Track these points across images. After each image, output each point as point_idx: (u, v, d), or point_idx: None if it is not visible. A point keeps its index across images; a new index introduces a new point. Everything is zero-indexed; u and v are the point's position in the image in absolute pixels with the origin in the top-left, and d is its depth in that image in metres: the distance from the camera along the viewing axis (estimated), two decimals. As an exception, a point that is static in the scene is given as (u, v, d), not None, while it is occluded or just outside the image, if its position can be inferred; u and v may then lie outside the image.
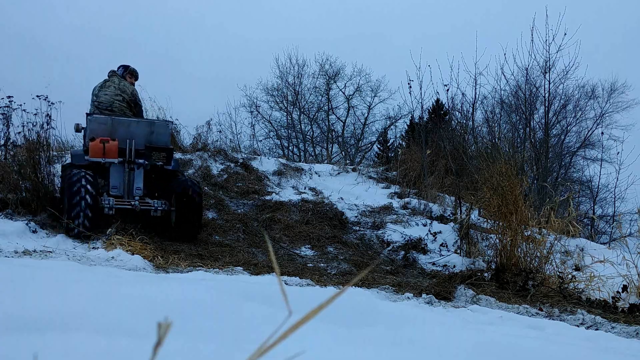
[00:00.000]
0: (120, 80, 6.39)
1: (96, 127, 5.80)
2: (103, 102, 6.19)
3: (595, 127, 17.20)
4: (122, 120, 5.91)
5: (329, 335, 1.23)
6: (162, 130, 6.03)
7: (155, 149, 5.91)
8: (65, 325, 1.03)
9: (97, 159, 5.71)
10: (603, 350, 1.75)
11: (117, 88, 6.30)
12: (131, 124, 5.92)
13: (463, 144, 9.07)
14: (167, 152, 5.96)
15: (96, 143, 5.69)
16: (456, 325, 1.80)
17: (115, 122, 5.85)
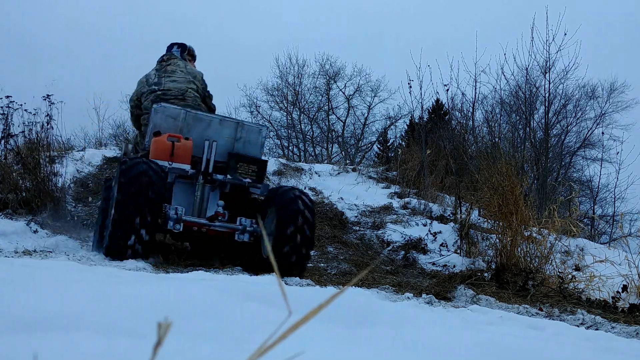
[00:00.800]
0: (186, 64, 4.85)
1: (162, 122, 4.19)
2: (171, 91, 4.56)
3: (595, 127, 17.21)
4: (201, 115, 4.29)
5: (329, 336, 1.23)
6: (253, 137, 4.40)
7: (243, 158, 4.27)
8: (65, 325, 1.03)
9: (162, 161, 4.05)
10: (603, 350, 1.75)
11: (186, 73, 4.72)
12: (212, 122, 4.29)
13: (463, 143, 9.07)
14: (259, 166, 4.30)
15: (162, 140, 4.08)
16: (456, 325, 1.80)
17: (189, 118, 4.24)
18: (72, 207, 6.37)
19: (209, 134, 4.30)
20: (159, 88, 4.58)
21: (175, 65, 4.77)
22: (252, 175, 4.28)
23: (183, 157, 4.13)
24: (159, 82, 4.63)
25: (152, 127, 4.24)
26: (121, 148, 9.46)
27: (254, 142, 4.42)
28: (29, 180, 5.93)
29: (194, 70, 4.86)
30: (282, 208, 4.10)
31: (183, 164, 4.13)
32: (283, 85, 22.92)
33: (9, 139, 6.38)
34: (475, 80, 9.28)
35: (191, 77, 4.74)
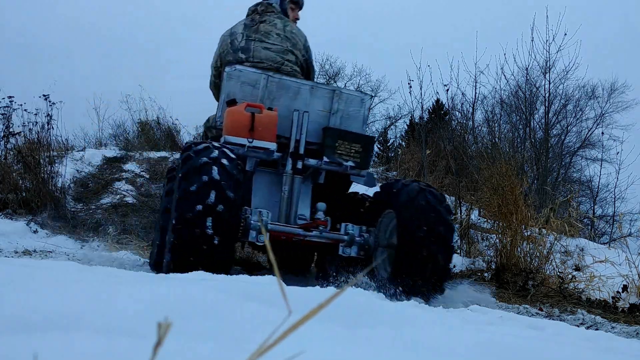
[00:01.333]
0: (285, 22, 3.74)
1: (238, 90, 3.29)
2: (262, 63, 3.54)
3: (595, 127, 17.21)
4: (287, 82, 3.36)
5: (329, 335, 1.23)
6: (354, 110, 3.41)
7: (343, 135, 3.26)
8: (65, 325, 1.03)
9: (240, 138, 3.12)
10: (603, 350, 1.75)
11: (283, 37, 3.66)
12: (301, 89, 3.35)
13: (463, 144, 9.07)
14: (364, 145, 3.28)
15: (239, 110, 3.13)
16: (456, 325, 1.80)
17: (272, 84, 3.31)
18: (72, 207, 6.37)
19: (297, 105, 3.35)
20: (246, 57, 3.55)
21: (271, 24, 3.66)
22: (354, 157, 3.24)
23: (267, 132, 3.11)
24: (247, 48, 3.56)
25: (224, 96, 3.32)
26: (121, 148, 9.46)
27: (355, 115, 3.40)
28: (29, 180, 5.93)
29: (296, 33, 3.72)
30: (410, 213, 3.05)
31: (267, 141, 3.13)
32: (283, 85, 22.88)
33: (9, 139, 6.38)
34: (475, 80, 9.29)
35: (290, 44, 3.65)
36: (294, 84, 3.40)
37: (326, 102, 3.42)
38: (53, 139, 6.42)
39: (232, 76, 3.33)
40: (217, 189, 2.73)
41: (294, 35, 3.71)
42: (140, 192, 7.30)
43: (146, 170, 8.20)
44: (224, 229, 2.73)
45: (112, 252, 4.75)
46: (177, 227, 2.72)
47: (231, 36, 3.68)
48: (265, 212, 3.12)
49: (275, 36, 3.64)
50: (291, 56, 3.64)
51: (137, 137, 10.91)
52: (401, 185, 3.19)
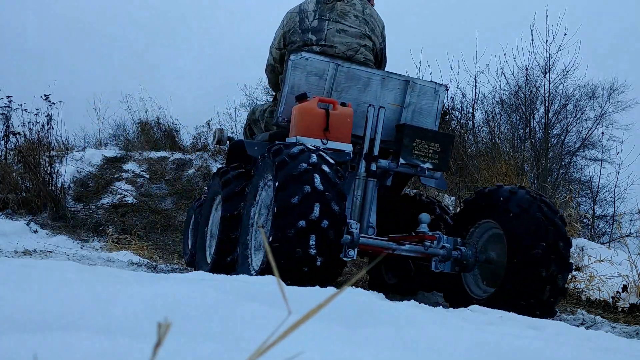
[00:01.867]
0: (365, 4, 3.37)
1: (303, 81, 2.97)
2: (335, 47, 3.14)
3: (595, 127, 17.21)
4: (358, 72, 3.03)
5: (329, 335, 1.23)
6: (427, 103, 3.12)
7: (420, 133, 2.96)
8: (65, 325, 1.03)
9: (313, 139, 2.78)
10: (603, 350, 1.75)
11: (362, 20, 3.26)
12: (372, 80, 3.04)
13: (463, 143, 9.07)
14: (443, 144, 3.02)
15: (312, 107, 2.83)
16: (456, 325, 1.80)
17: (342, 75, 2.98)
18: (72, 207, 6.37)
19: (367, 98, 3.03)
20: (317, 39, 3.12)
21: (349, 3, 3.25)
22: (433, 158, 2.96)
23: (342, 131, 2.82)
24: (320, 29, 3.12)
25: (288, 88, 2.98)
26: (121, 148, 9.45)
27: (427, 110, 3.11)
28: (29, 180, 5.93)
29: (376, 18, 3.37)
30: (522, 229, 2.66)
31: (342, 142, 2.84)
32: (283, 85, 22.88)
33: (9, 139, 6.39)
34: (475, 80, 9.29)
35: (369, 28, 3.26)
36: (365, 74, 3.05)
37: (398, 95, 3.06)
38: (53, 139, 6.43)
39: (297, 65, 2.95)
40: (321, 202, 2.43)
41: (373, 19, 3.32)
42: (140, 192, 7.30)
43: (146, 170, 8.20)
44: (328, 248, 2.46)
45: (112, 252, 4.75)
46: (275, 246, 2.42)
47: (300, 13, 3.22)
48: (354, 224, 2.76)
49: (353, 18, 3.22)
50: (368, 42, 3.25)
51: (137, 137, 10.91)
52: (508, 192, 2.80)
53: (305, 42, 3.15)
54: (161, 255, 5.00)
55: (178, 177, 7.82)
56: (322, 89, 3.01)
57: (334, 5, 3.19)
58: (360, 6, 3.30)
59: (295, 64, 2.96)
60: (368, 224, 3.05)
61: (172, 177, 7.87)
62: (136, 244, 5.26)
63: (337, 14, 3.18)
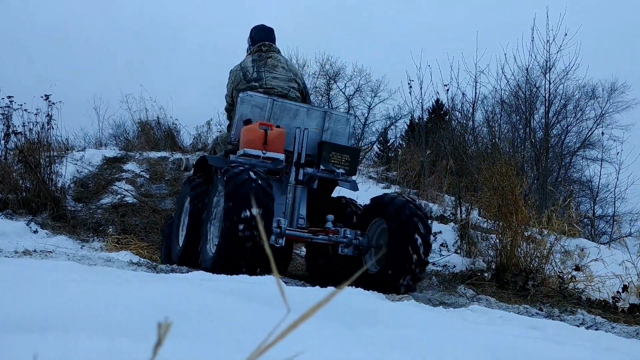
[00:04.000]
0: (285, 58, 4.47)
1: (249, 112, 3.95)
2: (274, 89, 4.21)
3: (595, 127, 17.21)
4: (288, 105, 4.04)
5: (329, 335, 1.23)
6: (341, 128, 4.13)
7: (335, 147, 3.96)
8: (65, 325, 1.03)
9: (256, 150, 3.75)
10: (603, 350, 1.75)
11: (287, 70, 4.38)
12: (300, 111, 4.03)
13: (463, 144, 9.07)
14: (352, 155, 3.99)
15: (254, 127, 3.78)
16: (456, 325, 1.80)
17: (277, 107, 3.98)
18: (72, 207, 6.37)
19: (296, 124, 4.04)
20: (260, 85, 4.19)
21: (276, 59, 4.35)
22: (344, 165, 3.94)
23: (277, 145, 3.81)
24: (260, 78, 4.22)
25: (239, 117, 3.98)
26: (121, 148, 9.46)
27: (342, 132, 4.13)
28: (29, 180, 5.93)
29: (294, 67, 4.51)
30: (397, 223, 3.65)
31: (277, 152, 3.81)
32: (283, 86, 22.93)
33: (9, 138, 6.39)
34: (475, 80, 9.28)
35: (292, 74, 4.37)
36: (294, 107, 4.09)
37: (319, 122, 4.13)
38: (53, 139, 6.43)
39: (244, 100, 3.99)
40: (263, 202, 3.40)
41: (293, 68, 4.47)
42: (140, 192, 7.30)
43: (146, 170, 8.21)
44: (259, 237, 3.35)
45: (112, 252, 4.75)
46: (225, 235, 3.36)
47: (243, 69, 4.32)
48: (283, 221, 3.71)
49: (281, 68, 4.35)
50: (294, 84, 4.36)
51: (137, 137, 10.92)
52: (389, 198, 3.86)
53: (251, 87, 4.21)
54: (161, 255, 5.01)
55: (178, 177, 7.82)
56: (263, 117, 4.01)
57: (265, 61, 4.34)
58: (283, 60, 4.42)
59: (243, 100, 3.99)
60: (298, 217, 4.00)
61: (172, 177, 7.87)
62: (136, 244, 5.26)
63: (269, 67, 4.31)
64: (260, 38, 4.48)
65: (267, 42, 4.45)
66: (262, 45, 4.42)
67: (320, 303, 0.50)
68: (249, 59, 4.37)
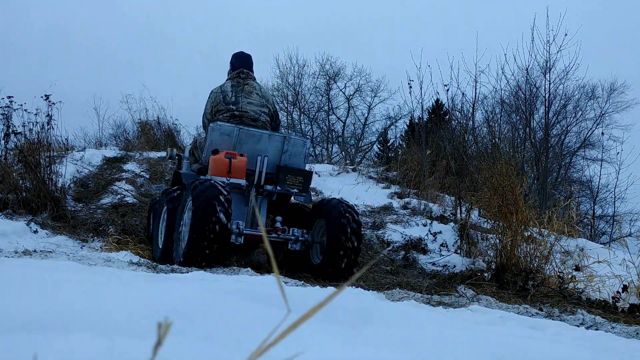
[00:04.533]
0: (260, 85, 5.12)
1: (218, 139, 4.57)
2: (248, 113, 4.85)
3: (595, 127, 17.22)
4: (252, 132, 4.64)
5: (329, 335, 1.23)
6: (297, 150, 4.77)
7: (290, 170, 4.63)
8: (65, 325, 1.03)
9: (220, 177, 4.42)
10: (603, 350, 1.75)
11: (261, 96, 5.02)
12: (262, 137, 4.65)
13: (463, 144, 9.07)
14: (305, 177, 4.67)
15: (220, 157, 4.45)
16: (456, 325, 1.80)
17: (242, 134, 4.59)
18: (72, 207, 6.37)
19: (259, 148, 4.68)
20: (236, 108, 4.87)
21: (252, 86, 5.03)
22: (298, 186, 4.67)
23: (239, 172, 4.51)
24: (237, 102, 4.90)
25: (209, 144, 4.62)
26: (121, 148, 9.46)
27: (298, 154, 4.81)
28: (29, 180, 5.93)
29: (267, 93, 5.17)
30: (332, 220, 4.49)
31: (239, 179, 4.53)
32: (283, 86, 22.94)
33: (9, 138, 6.39)
34: (475, 80, 9.28)
35: (265, 100, 5.04)
36: (257, 133, 4.69)
37: (279, 145, 4.76)
38: (53, 139, 6.42)
39: (214, 129, 4.61)
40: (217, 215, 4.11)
41: (266, 94, 5.11)
42: (140, 192, 7.30)
43: (146, 170, 8.21)
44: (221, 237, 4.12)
45: (112, 252, 4.75)
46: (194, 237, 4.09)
47: (223, 92, 4.97)
48: (241, 223, 4.48)
49: (255, 95, 4.99)
50: (266, 109, 5.01)
51: (137, 137, 10.92)
52: (327, 201, 4.76)
53: (228, 110, 4.86)
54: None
55: (178, 177, 7.81)
56: (231, 143, 4.62)
57: (243, 87, 4.97)
58: (258, 87, 5.08)
59: (213, 129, 4.61)
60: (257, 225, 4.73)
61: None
62: (136, 244, 5.26)
63: (246, 92, 4.96)
64: (239, 65, 5.14)
65: (245, 70, 5.11)
66: (241, 72, 5.08)
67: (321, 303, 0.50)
68: (229, 84, 5.01)
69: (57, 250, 4.67)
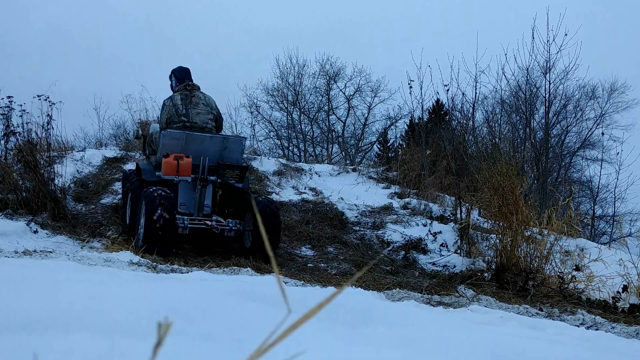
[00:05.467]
0: (205, 95, 5.95)
1: (169, 143, 5.55)
2: (197, 124, 5.76)
3: (595, 127, 17.23)
4: (196, 135, 5.62)
5: (329, 335, 1.23)
6: (235, 147, 5.78)
7: (228, 166, 5.68)
8: (65, 325, 1.03)
9: (170, 176, 5.49)
10: (603, 350, 1.75)
11: (206, 105, 5.88)
12: (205, 139, 5.64)
13: (463, 144, 9.07)
14: (241, 170, 5.74)
15: (170, 160, 5.46)
16: (456, 325, 1.80)
17: (189, 138, 5.57)
18: (72, 207, 6.37)
19: (203, 148, 5.64)
20: (187, 120, 5.75)
21: (198, 97, 5.85)
22: (235, 178, 5.71)
23: (185, 171, 5.50)
24: (187, 114, 5.77)
25: (162, 147, 5.55)
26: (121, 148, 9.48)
27: (236, 150, 5.77)
28: (29, 180, 5.93)
29: (211, 100, 5.95)
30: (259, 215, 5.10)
31: (186, 176, 5.55)
32: (283, 86, 22.93)
33: (9, 138, 6.38)
34: (475, 80, 9.28)
35: (210, 108, 5.88)
36: (200, 137, 5.62)
37: (219, 144, 5.68)
38: (53, 139, 6.42)
39: (165, 136, 5.53)
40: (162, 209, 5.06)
41: (210, 102, 5.92)
42: (140, 192, 7.31)
43: (146, 170, 8.20)
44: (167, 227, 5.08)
45: (112, 252, 4.75)
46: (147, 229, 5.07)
47: (174, 105, 5.79)
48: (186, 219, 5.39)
49: (202, 105, 5.83)
50: (211, 116, 5.87)
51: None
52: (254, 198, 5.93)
53: (180, 121, 5.72)
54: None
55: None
56: (180, 146, 5.53)
57: (190, 99, 5.81)
58: (203, 97, 5.87)
59: (164, 135, 5.52)
60: (204, 206, 5.74)
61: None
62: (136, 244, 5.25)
63: (194, 104, 5.81)
64: (183, 77, 6.01)
65: (191, 83, 5.93)
66: (187, 85, 5.89)
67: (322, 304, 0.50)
68: (178, 97, 5.83)
69: (57, 250, 4.67)
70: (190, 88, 5.86)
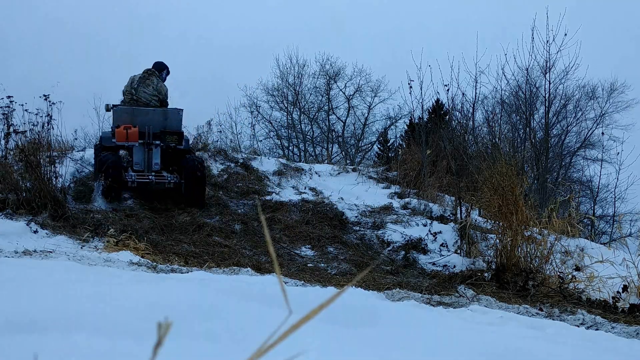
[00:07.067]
0: (159, 82, 7.57)
1: (120, 116, 7.14)
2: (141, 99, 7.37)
3: (595, 127, 17.24)
4: (141, 109, 7.19)
5: (329, 336, 1.23)
6: (174, 117, 7.36)
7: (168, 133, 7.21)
8: (65, 325, 1.03)
9: (122, 142, 7.03)
10: (603, 350, 1.75)
11: (155, 89, 7.46)
12: (149, 112, 7.20)
13: (463, 144, 9.07)
14: (178, 135, 7.31)
15: (120, 130, 6.99)
16: (456, 325, 1.80)
17: (136, 112, 7.14)
18: (72, 207, 6.37)
19: (148, 119, 7.15)
20: (135, 94, 7.39)
21: (151, 81, 7.47)
22: (175, 141, 7.19)
23: (133, 138, 6.98)
24: (137, 90, 7.40)
25: (115, 120, 7.17)
26: None
27: (175, 120, 7.31)
28: (29, 180, 5.93)
29: (162, 87, 7.58)
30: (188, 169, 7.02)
31: (134, 141, 7.00)
32: (283, 86, 22.92)
33: (9, 138, 6.38)
34: (475, 80, 9.27)
35: (157, 92, 7.48)
36: (144, 111, 7.17)
37: (160, 117, 7.23)
38: (53, 139, 6.42)
39: (116, 111, 7.14)
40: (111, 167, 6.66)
41: (160, 88, 7.51)
42: (140, 192, 7.31)
43: (146, 170, 8.20)
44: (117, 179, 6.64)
45: (112, 252, 4.75)
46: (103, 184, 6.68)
47: (132, 81, 7.46)
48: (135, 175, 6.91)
49: (151, 89, 7.42)
50: (155, 97, 7.42)
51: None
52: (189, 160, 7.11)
53: (130, 93, 7.36)
54: (161, 256, 5.00)
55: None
56: (128, 119, 7.03)
57: (144, 81, 7.41)
58: (156, 82, 7.50)
59: (115, 111, 7.17)
60: (154, 164, 7.16)
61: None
62: (136, 244, 5.26)
63: (145, 85, 7.40)
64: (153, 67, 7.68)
65: (152, 70, 7.56)
66: (148, 70, 7.53)
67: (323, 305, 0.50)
68: (138, 76, 7.45)
69: (57, 250, 4.67)
70: (149, 73, 7.53)
